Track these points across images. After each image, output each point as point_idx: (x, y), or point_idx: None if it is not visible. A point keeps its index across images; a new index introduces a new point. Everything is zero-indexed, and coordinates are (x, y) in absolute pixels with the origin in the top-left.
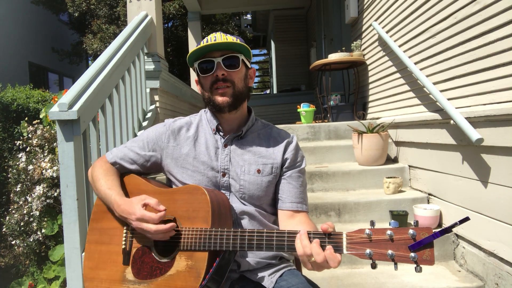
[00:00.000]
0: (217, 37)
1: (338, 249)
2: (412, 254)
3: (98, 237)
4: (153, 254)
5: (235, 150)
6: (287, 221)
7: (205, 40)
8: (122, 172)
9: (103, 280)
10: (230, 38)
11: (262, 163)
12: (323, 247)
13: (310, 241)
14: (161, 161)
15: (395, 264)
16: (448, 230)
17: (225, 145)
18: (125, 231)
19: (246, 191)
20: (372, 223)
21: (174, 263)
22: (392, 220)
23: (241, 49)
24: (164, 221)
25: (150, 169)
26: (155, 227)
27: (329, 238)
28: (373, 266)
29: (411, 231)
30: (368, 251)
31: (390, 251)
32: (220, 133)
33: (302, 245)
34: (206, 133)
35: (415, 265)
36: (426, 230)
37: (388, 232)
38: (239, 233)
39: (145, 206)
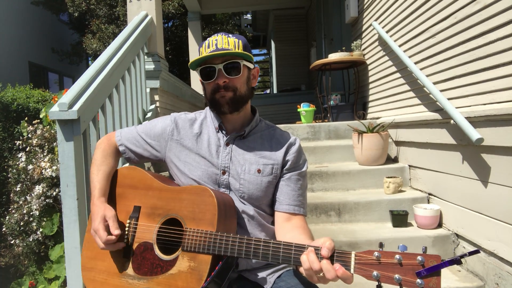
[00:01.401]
0: (218, 41)
1: (345, 268)
2: (419, 281)
3: None
4: (155, 251)
5: (236, 149)
6: (283, 223)
7: (206, 43)
8: (127, 156)
9: (102, 271)
10: (232, 41)
11: (263, 163)
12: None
13: (318, 257)
14: (164, 152)
15: None
16: (458, 261)
17: (227, 144)
18: (127, 224)
19: (245, 190)
20: (381, 245)
21: (176, 263)
22: (401, 244)
23: (242, 55)
24: (168, 220)
25: (153, 157)
26: (102, 245)
27: (337, 256)
28: (379, 287)
29: (419, 257)
30: (375, 273)
31: (397, 276)
32: (223, 131)
33: (309, 261)
34: (209, 131)
35: None
36: (435, 258)
37: (397, 256)
38: (245, 240)
39: (106, 222)
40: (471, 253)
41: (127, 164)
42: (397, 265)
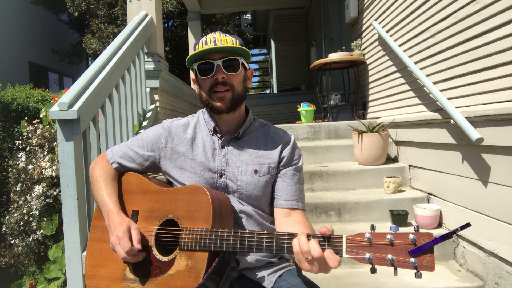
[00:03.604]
0: (217, 38)
1: (337, 252)
2: (412, 260)
3: (100, 234)
4: (153, 253)
5: (232, 151)
6: (283, 219)
7: (203, 40)
8: (121, 171)
9: (104, 278)
10: (230, 40)
11: (259, 163)
12: (322, 250)
13: (308, 240)
14: (159, 162)
15: (395, 269)
16: (449, 236)
17: (222, 146)
18: None
19: (243, 191)
20: (373, 227)
21: (174, 263)
22: (392, 225)
23: (241, 52)
24: (165, 221)
25: (148, 169)
26: (124, 254)
27: (328, 241)
28: (373, 270)
29: (411, 236)
30: (367, 255)
31: (390, 256)
32: (218, 134)
33: (299, 242)
34: (203, 134)
35: (415, 271)
36: (427, 235)
37: (389, 236)
38: (239, 234)
39: (130, 233)
40: (463, 227)
41: None
42: (389, 246)
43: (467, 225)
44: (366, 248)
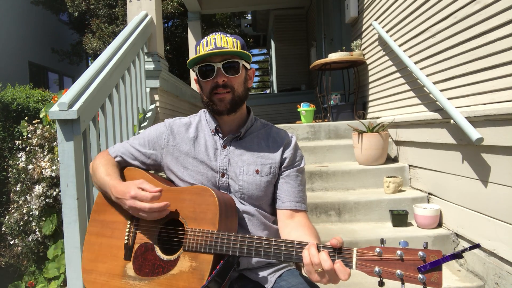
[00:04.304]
0: (217, 39)
1: (347, 265)
2: (421, 276)
3: (99, 229)
4: (156, 251)
5: (234, 150)
6: (286, 221)
7: (204, 42)
8: (124, 166)
9: (102, 273)
10: (230, 41)
11: (260, 163)
12: (332, 261)
13: (318, 252)
14: (160, 160)
15: (403, 283)
16: (459, 255)
17: (224, 146)
18: (128, 225)
19: (245, 191)
20: (382, 241)
21: (178, 263)
22: (402, 240)
23: (242, 54)
24: (169, 221)
25: (150, 167)
26: (149, 205)
27: (339, 253)
28: (380, 283)
29: (421, 252)
30: (377, 269)
31: (399, 271)
32: (219, 134)
33: (310, 254)
34: (205, 134)
35: (422, 287)
36: (436, 253)
37: (399, 252)
38: (247, 239)
39: (141, 189)
40: (472, 248)
41: None
42: (398, 261)
43: (477, 246)
44: (376, 262)
